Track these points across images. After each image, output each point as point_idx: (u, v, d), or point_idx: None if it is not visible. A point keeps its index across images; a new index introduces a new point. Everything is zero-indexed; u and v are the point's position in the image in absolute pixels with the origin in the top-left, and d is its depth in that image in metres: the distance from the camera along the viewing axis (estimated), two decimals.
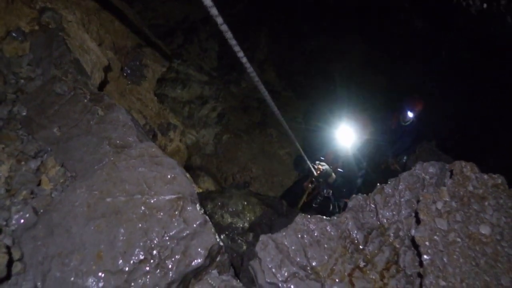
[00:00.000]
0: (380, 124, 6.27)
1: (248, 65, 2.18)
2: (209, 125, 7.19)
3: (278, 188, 7.12)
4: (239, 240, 3.17)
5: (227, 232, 3.24)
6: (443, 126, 7.13)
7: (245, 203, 3.71)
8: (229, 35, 1.94)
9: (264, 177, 7.17)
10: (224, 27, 1.90)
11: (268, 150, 7.37)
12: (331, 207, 4.95)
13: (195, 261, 1.93)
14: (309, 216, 2.17)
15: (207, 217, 2.10)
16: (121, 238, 1.93)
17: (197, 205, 2.13)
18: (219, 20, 1.84)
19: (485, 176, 1.98)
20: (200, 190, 4.84)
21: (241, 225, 3.35)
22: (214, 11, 1.79)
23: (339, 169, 4.72)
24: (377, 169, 6.71)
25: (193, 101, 7.15)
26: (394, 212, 2.13)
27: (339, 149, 4.72)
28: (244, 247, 3.08)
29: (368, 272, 1.93)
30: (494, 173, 2.00)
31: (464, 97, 6.57)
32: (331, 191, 4.80)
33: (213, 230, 2.07)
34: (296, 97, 8.41)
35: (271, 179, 7.17)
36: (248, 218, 3.55)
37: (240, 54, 2.08)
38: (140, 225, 1.98)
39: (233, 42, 1.99)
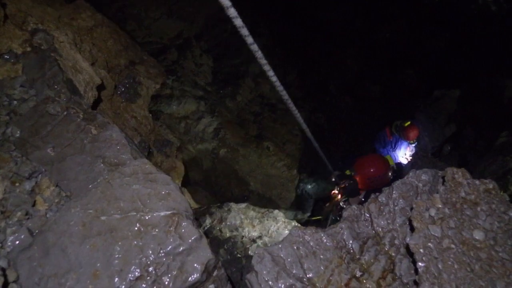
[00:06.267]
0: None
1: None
2: (206, 140, 7.20)
3: (276, 200, 7.11)
4: (238, 255, 3.15)
5: (226, 247, 3.21)
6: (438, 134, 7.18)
7: (244, 216, 3.70)
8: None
9: (262, 190, 7.17)
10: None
11: (265, 163, 7.38)
12: None
13: (192, 276, 1.92)
14: (304, 227, 2.18)
15: (202, 232, 2.10)
16: (117, 256, 1.93)
17: (192, 220, 2.13)
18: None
19: (477, 182, 1.99)
20: (199, 205, 4.83)
21: (240, 239, 3.33)
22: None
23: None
24: None
25: (189, 117, 7.17)
26: (388, 221, 2.14)
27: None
28: (244, 261, 3.06)
29: (364, 281, 1.93)
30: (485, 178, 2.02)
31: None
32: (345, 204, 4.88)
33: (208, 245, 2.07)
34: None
35: (269, 192, 7.17)
36: (247, 232, 3.53)
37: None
38: (135, 242, 1.97)
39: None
